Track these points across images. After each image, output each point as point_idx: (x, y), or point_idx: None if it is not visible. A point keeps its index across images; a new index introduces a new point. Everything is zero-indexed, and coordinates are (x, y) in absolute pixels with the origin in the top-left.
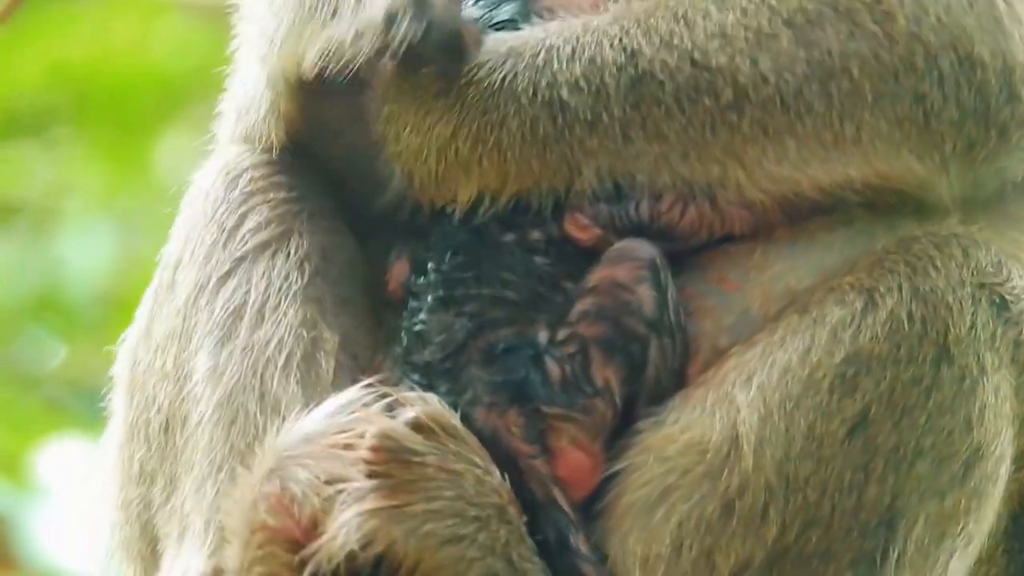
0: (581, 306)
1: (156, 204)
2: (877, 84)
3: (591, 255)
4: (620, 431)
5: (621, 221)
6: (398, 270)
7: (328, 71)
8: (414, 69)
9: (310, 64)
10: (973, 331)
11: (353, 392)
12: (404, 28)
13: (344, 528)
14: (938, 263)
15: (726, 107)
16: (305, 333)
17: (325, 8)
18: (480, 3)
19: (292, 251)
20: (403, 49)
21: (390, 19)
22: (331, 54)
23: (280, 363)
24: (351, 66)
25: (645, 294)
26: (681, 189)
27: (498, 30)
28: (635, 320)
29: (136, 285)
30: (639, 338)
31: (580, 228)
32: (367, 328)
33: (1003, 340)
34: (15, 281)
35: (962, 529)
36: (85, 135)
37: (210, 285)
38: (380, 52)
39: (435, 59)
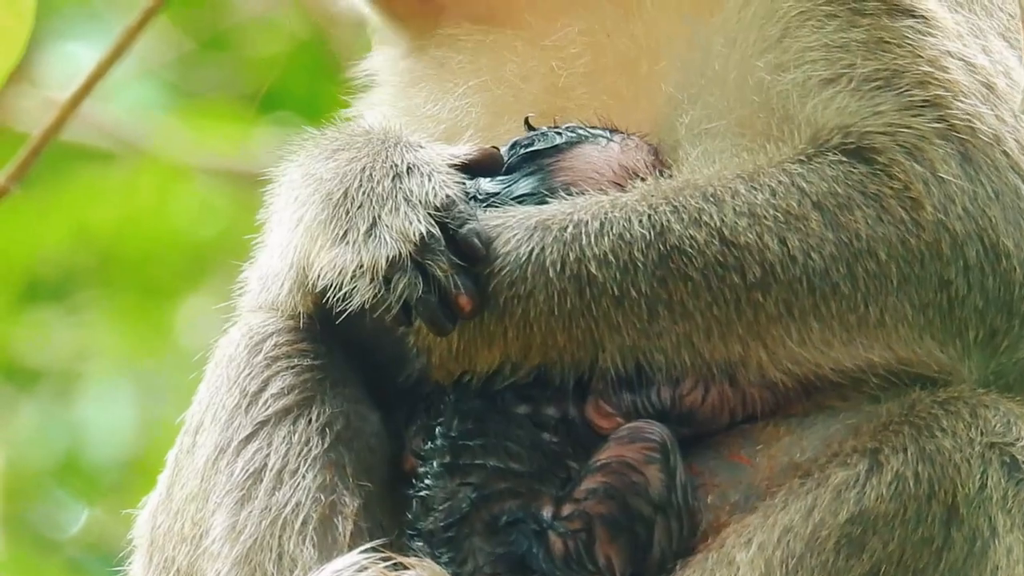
0: (589, 483)
1: (178, 368)
2: (903, 269)
3: (599, 437)
4: None
5: (643, 408)
6: (408, 459)
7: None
8: (406, 319)
9: (314, 278)
10: (984, 491)
11: (353, 557)
12: (402, 284)
13: None
14: (944, 424)
15: (753, 285)
16: (323, 497)
17: (336, 224)
18: (499, 178)
19: (314, 417)
20: (397, 307)
21: (391, 269)
22: (333, 279)
23: (297, 525)
24: (349, 299)
25: (654, 475)
26: (702, 369)
27: (519, 203)
28: (642, 501)
29: (158, 449)
30: (645, 519)
31: (603, 416)
32: (389, 497)
33: (1016, 500)
34: (38, 445)
35: None
36: (108, 299)
37: (231, 448)
38: (376, 300)
39: (428, 318)
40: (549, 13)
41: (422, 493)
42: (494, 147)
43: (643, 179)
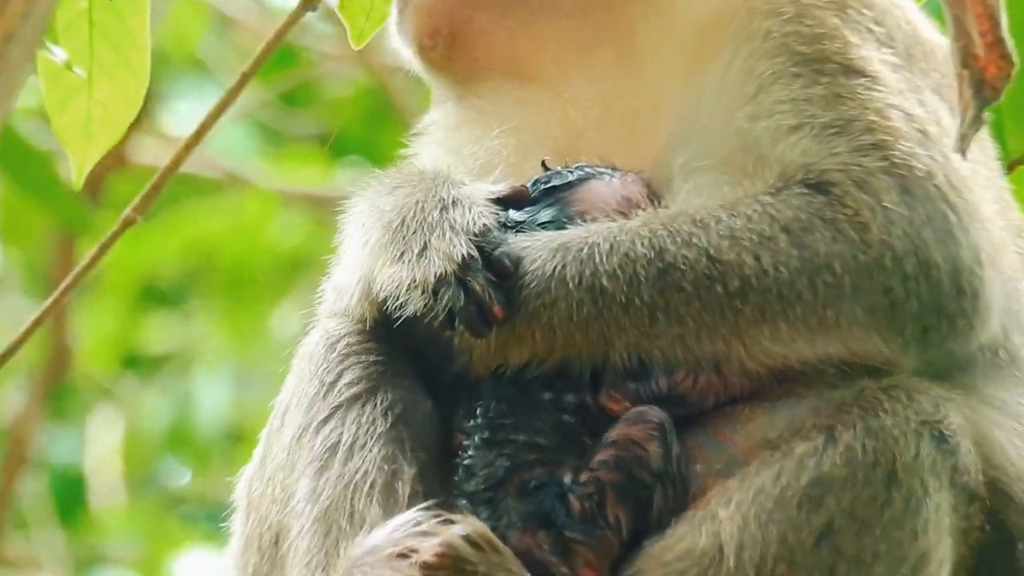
0: (601, 456)
1: (269, 362)
2: (854, 279)
3: (609, 418)
4: (629, 547)
5: (645, 395)
6: (457, 437)
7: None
8: (451, 324)
9: (377, 295)
10: (917, 459)
11: (410, 514)
12: (447, 296)
13: None
14: (886, 406)
15: (733, 294)
16: (386, 466)
17: (395, 246)
18: (525, 209)
19: (378, 402)
20: (443, 316)
21: (439, 284)
22: (392, 291)
23: (365, 489)
24: (404, 308)
25: (654, 450)
26: (692, 362)
27: (542, 229)
28: (644, 471)
29: (252, 427)
30: (647, 486)
31: (613, 401)
32: (440, 467)
33: (942, 466)
34: (157, 419)
35: None
36: (212, 303)
37: (311, 427)
38: (426, 312)
39: (468, 324)
40: (567, 71)
41: (466, 462)
42: (522, 184)
43: (641, 208)
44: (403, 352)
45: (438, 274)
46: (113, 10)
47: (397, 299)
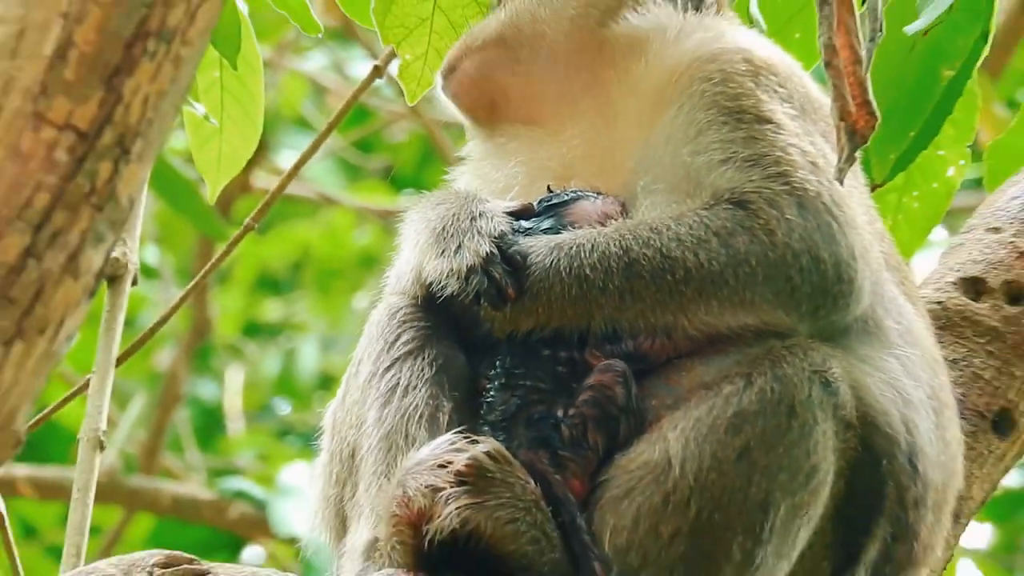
0: (583, 396)
1: (349, 332)
2: (765, 271)
3: (589, 369)
4: (604, 461)
5: (617, 352)
6: (480, 381)
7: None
8: (477, 301)
9: (425, 280)
10: (810, 398)
11: (447, 436)
12: (475, 281)
13: (449, 515)
14: (788, 359)
15: (679, 281)
16: (432, 402)
17: (438, 246)
18: (530, 220)
19: (426, 356)
20: (472, 296)
21: (469, 273)
22: (435, 278)
23: (416, 418)
24: (445, 289)
25: (619, 392)
26: (650, 329)
27: (544, 234)
28: (613, 407)
29: (336, 376)
30: (615, 418)
31: (595, 358)
32: (469, 403)
33: (828, 404)
34: (270, 370)
35: (806, 512)
36: (310, 290)
37: (378, 373)
38: (460, 292)
39: (490, 301)
40: (562, 119)
41: (488, 400)
42: (530, 202)
43: (615, 220)
44: (444, 321)
45: (469, 265)
46: (238, 78)
47: (440, 283)
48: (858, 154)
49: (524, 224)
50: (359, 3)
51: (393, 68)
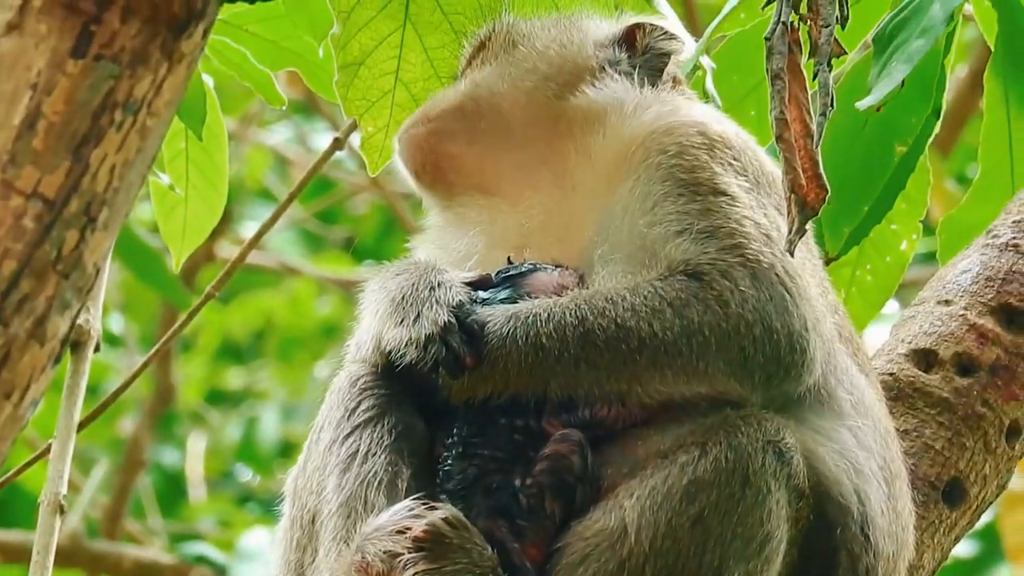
0: (540, 466)
1: (310, 399)
2: (718, 341)
3: (546, 438)
4: (561, 529)
5: (575, 420)
6: (438, 449)
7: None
8: (436, 369)
9: (384, 348)
10: (763, 467)
11: (406, 503)
12: (433, 350)
13: None
14: (743, 429)
15: (633, 351)
16: (391, 469)
17: (397, 315)
18: (488, 290)
19: (385, 423)
20: (430, 364)
21: (427, 342)
22: (394, 346)
23: (375, 485)
24: (404, 358)
25: (576, 461)
26: (605, 397)
27: (501, 304)
28: (570, 476)
29: (297, 443)
30: (572, 487)
31: (552, 426)
32: (428, 470)
33: (781, 473)
34: (232, 437)
35: None
36: (272, 357)
37: (338, 440)
38: (419, 361)
39: (448, 369)
40: (519, 188)
41: (445, 468)
42: (488, 273)
43: (571, 291)
44: (404, 388)
45: (427, 334)
46: (204, 149)
47: (399, 351)
48: (811, 227)
49: (482, 294)
50: (322, 77)
51: (355, 140)
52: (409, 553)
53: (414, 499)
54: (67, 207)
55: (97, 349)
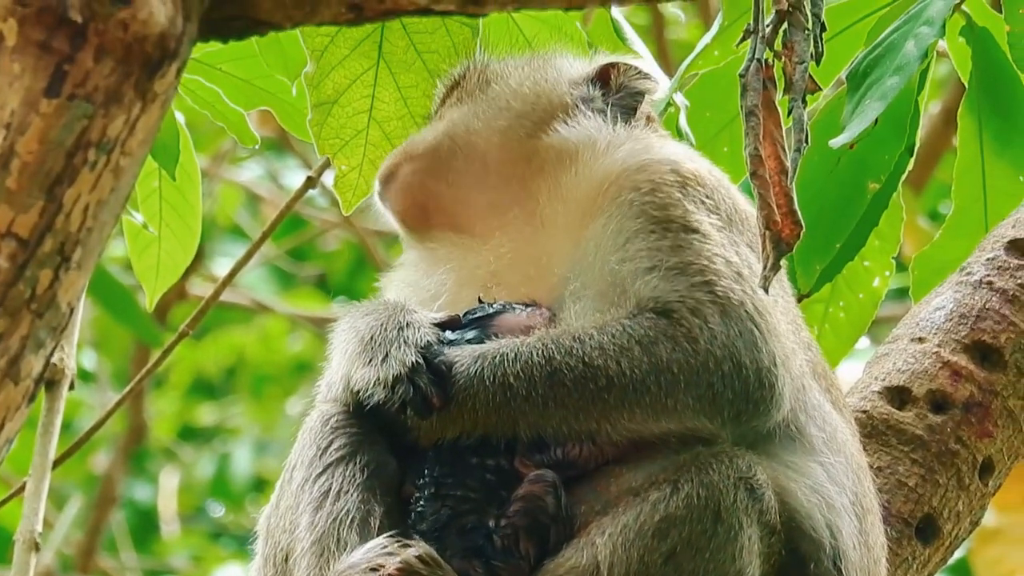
0: (514, 507)
1: (283, 435)
2: (687, 378)
3: (519, 478)
4: (535, 567)
5: (547, 460)
6: (408, 488)
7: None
8: (404, 410)
9: (353, 388)
10: (735, 503)
11: (379, 540)
12: (401, 390)
13: None
14: (714, 466)
15: (601, 389)
16: (363, 507)
17: (366, 355)
18: (456, 332)
19: (358, 462)
20: (398, 404)
21: (395, 382)
22: (363, 386)
23: (348, 522)
24: (372, 398)
25: (550, 502)
26: (576, 436)
27: (469, 343)
28: (544, 516)
29: (270, 480)
30: (546, 527)
31: (524, 466)
32: (401, 507)
33: (753, 509)
34: (204, 473)
35: None
36: (244, 394)
37: (311, 479)
38: (387, 401)
39: (415, 410)
40: (490, 227)
41: (418, 509)
42: (456, 314)
43: (539, 330)
44: (375, 427)
45: (395, 375)
46: (177, 188)
47: (367, 392)
48: (784, 263)
49: (450, 335)
50: (295, 116)
51: (327, 178)
52: None
53: (387, 536)
54: (41, 246)
55: (71, 387)
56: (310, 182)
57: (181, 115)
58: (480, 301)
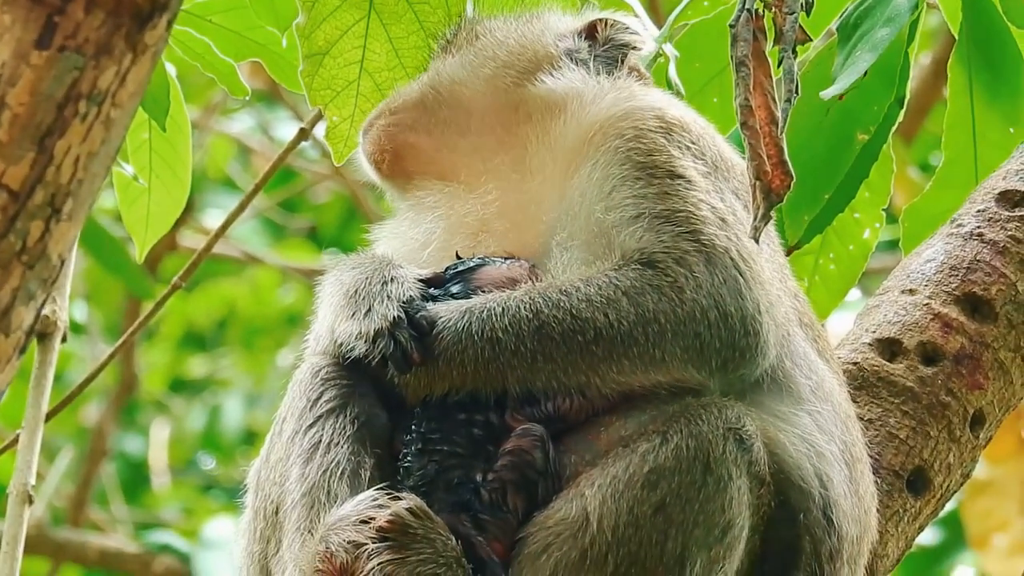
0: (502, 461)
1: (273, 387)
2: (675, 327)
3: (508, 432)
4: (523, 522)
5: (537, 414)
6: (398, 443)
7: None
8: (384, 364)
9: (336, 341)
10: (724, 454)
11: (369, 493)
12: (382, 344)
13: (371, 571)
14: (703, 416)
15: (589, 342)
16: (353, 459)
17: (349, 308)
18: (441, 287)
19: (348, 414)
20: (378, 358)
21: (376, 336)
22: (345, 340)
23: (338, 474)
24: (352, 352)
25: (538, 456)
26: (565, 390)
27: (453, 298)
28: (532, 471)
29: (260, 432)
30: (533, 482)
31: (515, 420)
32: (391, 460)
33: (742, 460)
34: (195, 425)
35: (722, 567)
36: (235, 346)
37: (301, 431)
38: (367, 355)
39: (395, 365)
40: (477, 175)
41: (405, 464)
42: (439, 271)
43: (522, 283)
44: (366, 380)
45: (376, 329)
46: (167, 140)
47: (348, 345)
48: (773, 216)
49: (434, 291)
50: (286, 67)
51: (318, 130)
52: (373, 543)
53: (377, 489)
54: (32, 198)
55: (64, 340)
56: (303, 134)
57: (172, 66)
58: (458, 256)
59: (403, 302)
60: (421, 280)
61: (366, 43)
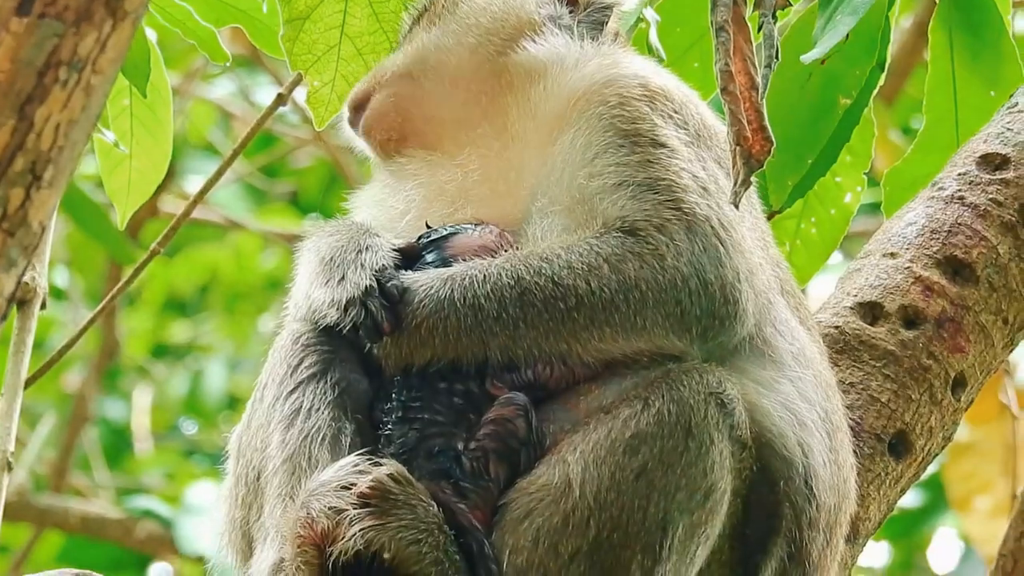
0: (484, 430)
1: (255, 352)
2: (655, 295)
3: (490, 401)
4: (505, 491)
5: (518, 382)
6: (379, 411)
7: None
8: (356, 332)
9: (310, 308)
10: (706, 419)
11: (350, 458)
12: (353, 313)
13: (353, 536)
14: (684, 382)
15: (571, 309)
16: (334, 424)
17: (324, 275)
18: (416, 257)
19: (328, 379)
20: (350, 325)
21: (348, 304)
22: (318, 307)
23: (319, 440)
24: (325, 319)
25: (520, 425)
26: (546, 358)
27: (429, 265)
28: (514, 440)
29: (242, 397)
30: (516, 451)
31: (497, 389)
32: (372, 426)
33: (724, 424)
34: (177, 390)
35: (704, 531)
36: (217, 311)
37: (282, 397)
38: (339, 323)
39: (366, 333)
40: (459, 143)
41: (386, 432)
42: (413, 242)
43: (494, 251)
44: (347, 346)
45: (348, 297)
46: (148, 106)
47: (320, 313)
48: (754, 180)
49: (415, 265)
50: (266, 33)
51: (299, 95)
52: (354, 509)
53: (359, 455)
54: (12, 165)
55: (43, 306)
56: (281, 99)
57: (152, 32)
58: (428, 226)
59: (376, 271)
60: (397, 250)
61: (347, 7)
